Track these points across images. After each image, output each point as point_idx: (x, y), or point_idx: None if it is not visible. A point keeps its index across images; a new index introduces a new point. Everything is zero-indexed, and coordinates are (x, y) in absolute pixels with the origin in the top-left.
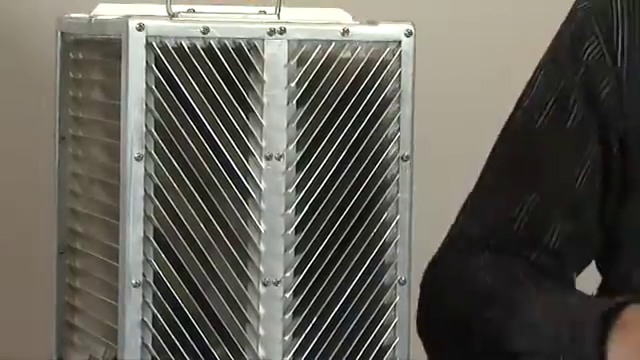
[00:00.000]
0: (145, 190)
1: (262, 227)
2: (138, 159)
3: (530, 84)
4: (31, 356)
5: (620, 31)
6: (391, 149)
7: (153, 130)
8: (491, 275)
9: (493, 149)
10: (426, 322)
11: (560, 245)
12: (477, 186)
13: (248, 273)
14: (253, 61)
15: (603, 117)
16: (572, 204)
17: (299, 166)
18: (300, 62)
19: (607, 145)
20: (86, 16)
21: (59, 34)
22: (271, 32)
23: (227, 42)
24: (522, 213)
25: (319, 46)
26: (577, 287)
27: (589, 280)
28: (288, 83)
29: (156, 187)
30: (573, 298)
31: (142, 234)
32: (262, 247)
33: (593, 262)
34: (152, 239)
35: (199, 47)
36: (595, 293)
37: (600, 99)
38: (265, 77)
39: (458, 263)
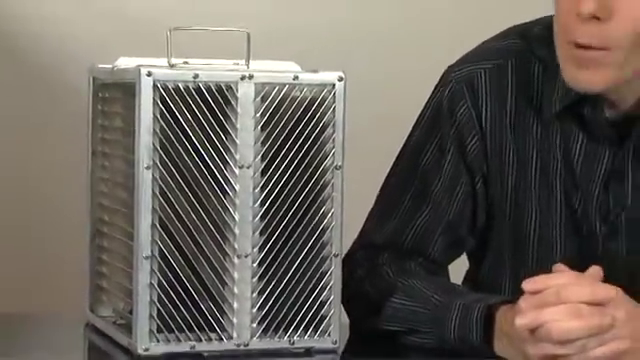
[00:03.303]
0: (152, 190)
1: (236, 216)
2: (147, 168)
3: (416, 127)
4: (74, 308)
5: (483, 97)
6: (328, 161)
7: (158, 147)
8: (391, 269)
9: (389, 176)
10: (347, 300)
11: (439, 255)
12: (379, 203)
13: (226, 249)
14: (230, 98)
15: (470, 162)
16: (448, 225)
17: (263, 173)
18: (263, 99)
19: (473, 181)
20: (110, 66)
21: (91, 79)
22: (243, 77)
23: (211, 84)
24: (412, 232)
25: (277, 87)
26: None
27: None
28: (255, 114)
29: (160, 188)
30: (459, 286)
31: (150, 222)
32: (236, 230)
33: None
34: (158, 225)
35: (191, 88)
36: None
37: (469, 149)
38: (238, 109)
39: (367, 261)
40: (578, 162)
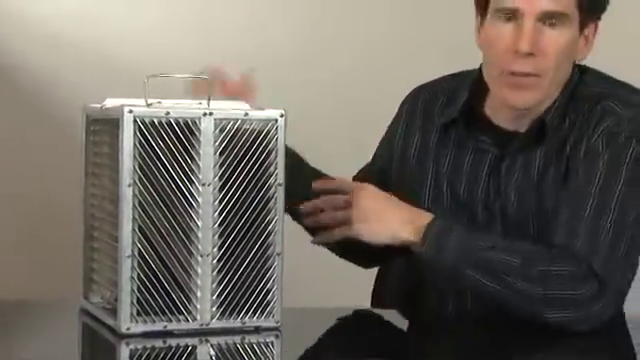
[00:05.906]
0: (133, 203)
1: (199, 223)
2: (129, 186)
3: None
4: (71, 296)
5: (404, 120)
6: (272, 180)
7: (137, 169)
8: None
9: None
10: None
11: None
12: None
13: (192, 249)
14: (194, 130)
15: (394, 154)
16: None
17: (220, 189)
18: (221, 131)
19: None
20: (99, 105)
21: (84, 115)
22: (205, 114)
23: (180, 120)
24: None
25: (232, 122)
26: None
27: None
28: (214, 143)
29: (139, 201)
30: None
31: (131, 228)
32: (200, 234)
33: None
34: (137, 231)
35: (163, 122)
36: None
37: (394, 146)
38: (201, 139)
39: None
40: (468, 164)
